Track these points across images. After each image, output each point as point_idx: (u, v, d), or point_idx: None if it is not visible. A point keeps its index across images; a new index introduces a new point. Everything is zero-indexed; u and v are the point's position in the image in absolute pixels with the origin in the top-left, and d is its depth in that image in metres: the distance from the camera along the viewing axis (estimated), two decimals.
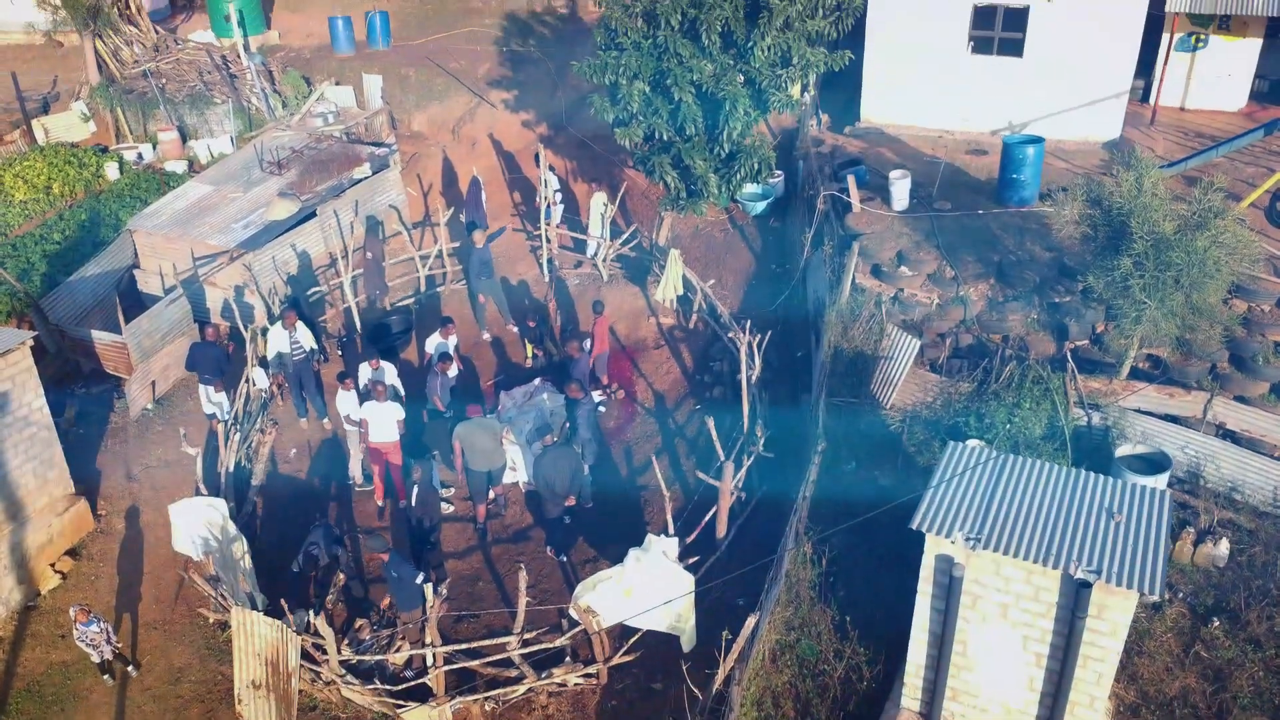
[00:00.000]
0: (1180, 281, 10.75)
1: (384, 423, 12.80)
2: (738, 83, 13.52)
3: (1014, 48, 17.45)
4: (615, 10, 14.30)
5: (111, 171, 22.24)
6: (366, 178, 18.32)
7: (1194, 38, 18.97)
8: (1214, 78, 19.23)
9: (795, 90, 14.77)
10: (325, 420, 15.01)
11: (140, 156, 23.27)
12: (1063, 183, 15.50)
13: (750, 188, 16.49)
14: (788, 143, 19.10)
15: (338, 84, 22.85)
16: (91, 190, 21.88)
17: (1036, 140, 14.84)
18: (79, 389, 15.97)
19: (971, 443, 10.54)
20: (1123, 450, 11.36)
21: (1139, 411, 12.00)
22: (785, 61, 13.97)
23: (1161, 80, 18.66)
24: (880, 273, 14.07)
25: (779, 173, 17.70)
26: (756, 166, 14.17)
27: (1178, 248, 10.58)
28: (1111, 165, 16.46)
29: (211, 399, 14.54)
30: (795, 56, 14.01)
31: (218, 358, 14.70)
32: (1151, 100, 18.85)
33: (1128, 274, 10.90)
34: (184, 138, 23.54)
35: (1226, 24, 18.73)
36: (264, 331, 15.34)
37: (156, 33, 26.51)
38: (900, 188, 15.03)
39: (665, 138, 14.34)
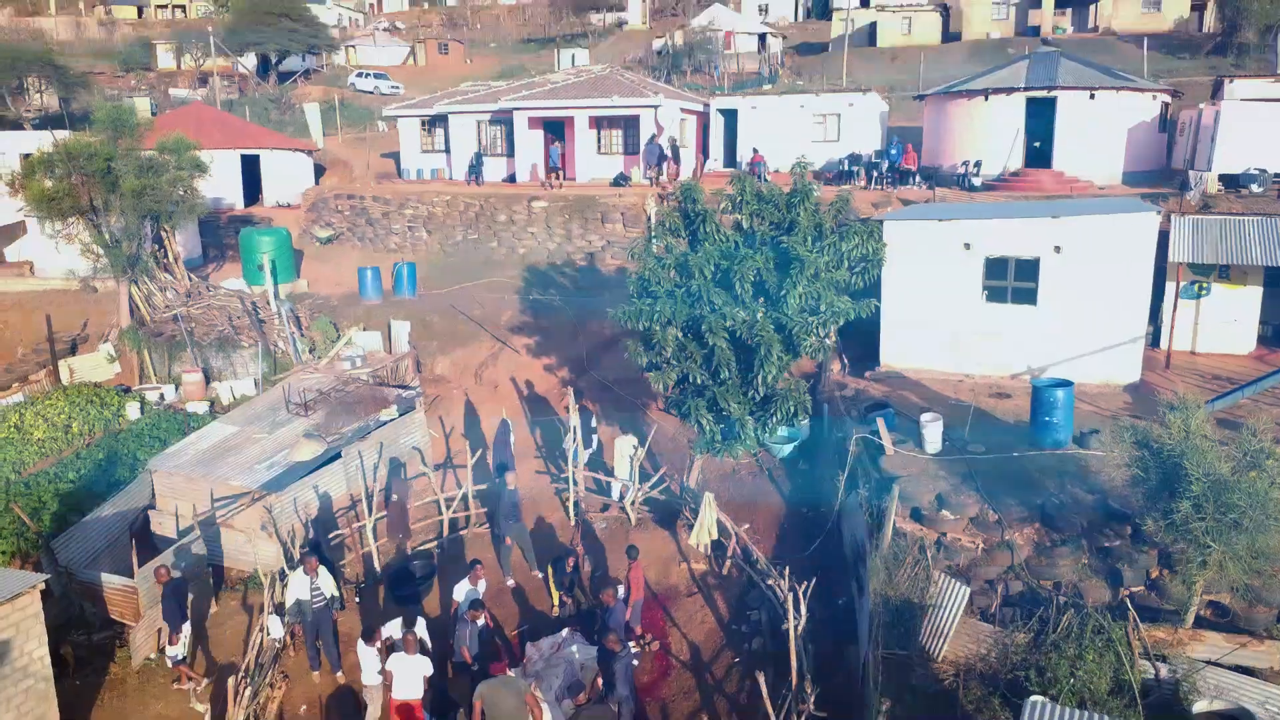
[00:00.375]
0: (1242, 524, 10.47)
1: (410, 678, 12.01)
2: (770, 329, 13.82)
3: (1028, 296, 18.05)
4: (649, 262, 14.85)
5: (132, 411, 22.38)
6: (393, 419, 18.35)
7: (1196, 286, 19.72)
8: (1220, 323, 19.81)
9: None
10: (339, 674, 14.15)
11: (162, 397, 23.53)
12: (1091, 425, 15.53)
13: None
14: (810, 386, 19.32)
15: (365, 329, 23.46)
16: (111, 429, 21.91)
17: (1065, 384, 14.99)
18: (80, 635, 15.19)
19: (1035, 699, 9.90)
20: (1200, 706, 10.62)
21: (1209, 663, 11.33)
22: (814, 309, 14.36)
23: (1173, 326, 19.20)
24: (921, 516, 13.76)
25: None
26: (793, 410, 14.22)
27: (1237, 490, 10.37)
28: (1136, 407, 16.72)
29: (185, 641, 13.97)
30: (823, 305, 14.41)
31: (182, 599, 14.20)
32: (1163, 345, 19.30)
33: (1188, 517, 10.62)
34: (207, 379, 23.89)
35: (1226, 273, 19.53)
36: (282, 576, 14.79)
37: (190, 279, 27.58)
38: (933, 430, 15.02)
39: (699, 381, 14.48)
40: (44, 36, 58.68)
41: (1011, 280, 18.14)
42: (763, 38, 63.40)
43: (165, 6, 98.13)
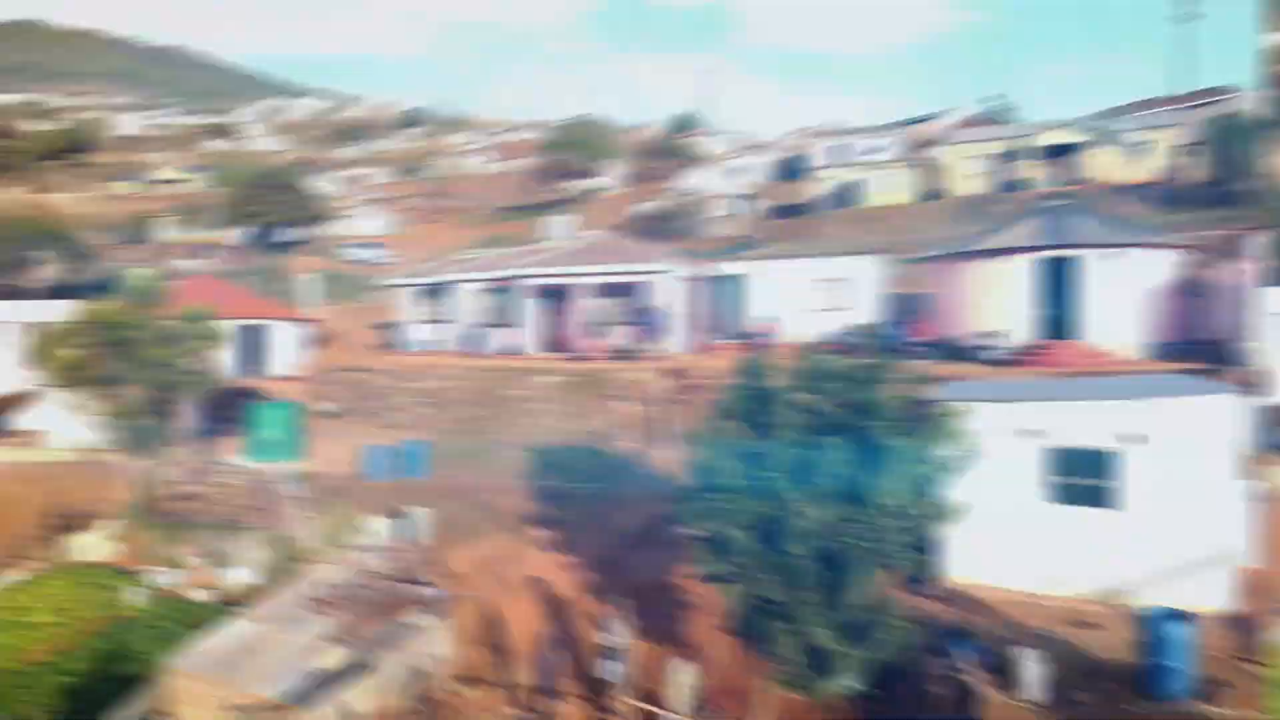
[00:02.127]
0: None
1: None
2: (861, 534, 12.63)
3: (1099, 497, 15.98)
4: (711, 451, 13.67)
5: (136, 595, 20.98)
6: (423, 623, 17.02)
7: None
8: None
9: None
10: None
11: (166, 581, 22.07)
12: (1209, 668, 13.47)
13: None
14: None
15: (388, 515, 22.27)
16: (114, 615, 20.48)
17: (1183, 615, 13.02)
18: None
19: None
20: None
21: None
22: (902, 511, 13.23)
23: None
24: None
25: None
26: (892, 639, 12.75)
27: None
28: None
29: None
30: (909, 505, 13.33)
31: None
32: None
33: None
34: (213, 563, 22.50)
35: None
36: None
37: (199, 456, 26.50)
38: (1036, 674, 13.47)
39: (776, 598, 13.01)
40: (44, 210, 59.09)
41: (1082, 478, 15.95)
42: (741, 200, 64.14)
43: (165, 181, 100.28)
